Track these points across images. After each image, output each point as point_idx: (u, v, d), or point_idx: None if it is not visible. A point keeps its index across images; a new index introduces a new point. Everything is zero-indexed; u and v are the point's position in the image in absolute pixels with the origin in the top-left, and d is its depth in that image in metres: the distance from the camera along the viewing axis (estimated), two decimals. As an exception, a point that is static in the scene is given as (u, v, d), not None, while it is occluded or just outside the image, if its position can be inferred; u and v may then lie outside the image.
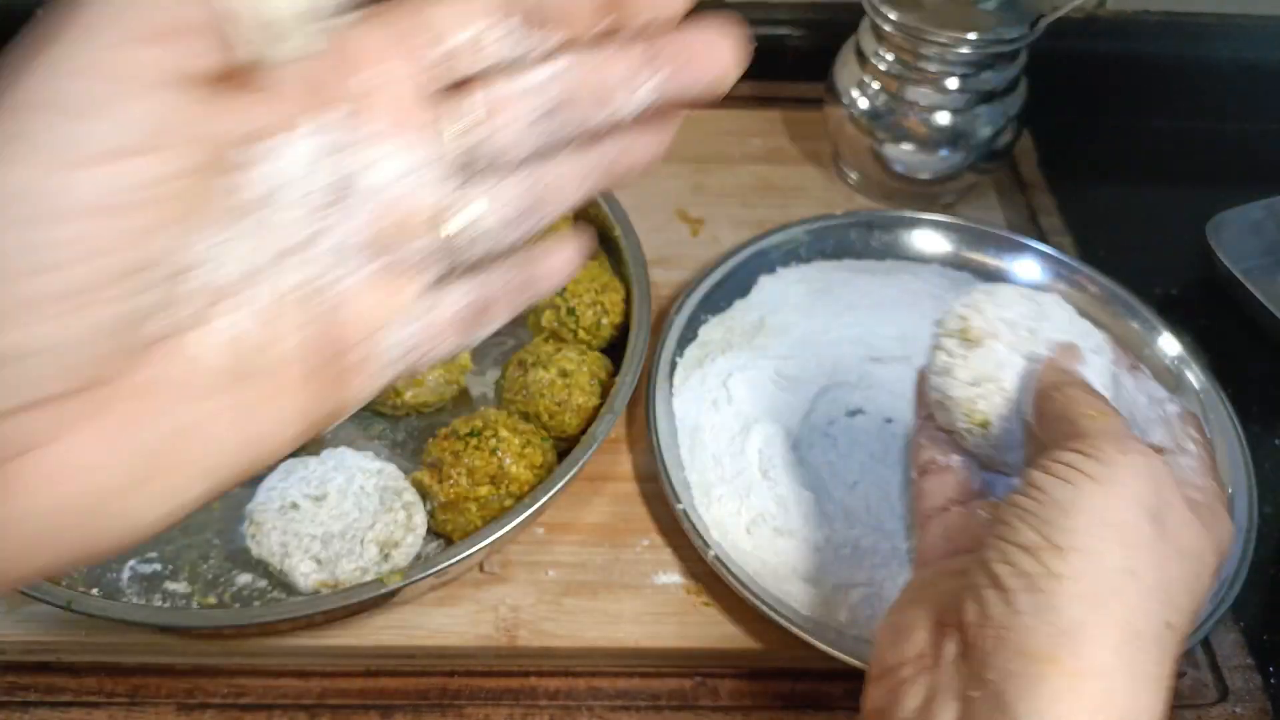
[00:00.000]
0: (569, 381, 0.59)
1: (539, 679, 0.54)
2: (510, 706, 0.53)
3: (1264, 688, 0.55)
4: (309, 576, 0.52)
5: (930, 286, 0.71)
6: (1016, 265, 0.73)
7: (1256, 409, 0.69)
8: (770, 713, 0.53)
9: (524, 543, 0.58)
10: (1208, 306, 0.76)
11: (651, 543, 0.59)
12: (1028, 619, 0.32)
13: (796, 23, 0.91)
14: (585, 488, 0.61)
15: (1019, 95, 0.75)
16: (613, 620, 0.55)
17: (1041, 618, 0.32)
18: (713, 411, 0.63)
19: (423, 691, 0.53)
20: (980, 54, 0.71)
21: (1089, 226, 0.80)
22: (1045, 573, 0.33)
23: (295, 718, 0.52)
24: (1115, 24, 0.91)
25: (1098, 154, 0.90)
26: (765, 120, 0.88)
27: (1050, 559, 0.33)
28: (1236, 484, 0.60)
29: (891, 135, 0.75)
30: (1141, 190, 0.87)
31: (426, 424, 0.63)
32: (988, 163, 0.77)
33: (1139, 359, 0.68)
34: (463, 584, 0.56)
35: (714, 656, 0.55)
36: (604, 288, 0.65)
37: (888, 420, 0.64)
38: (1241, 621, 0.58)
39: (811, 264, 0.73)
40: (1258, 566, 0.57)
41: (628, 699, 0.53)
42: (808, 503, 0.58)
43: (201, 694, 0.53)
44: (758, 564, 0.56)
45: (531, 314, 0.67)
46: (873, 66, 0.75)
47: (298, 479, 0.55)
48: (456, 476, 0.55)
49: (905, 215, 0.75)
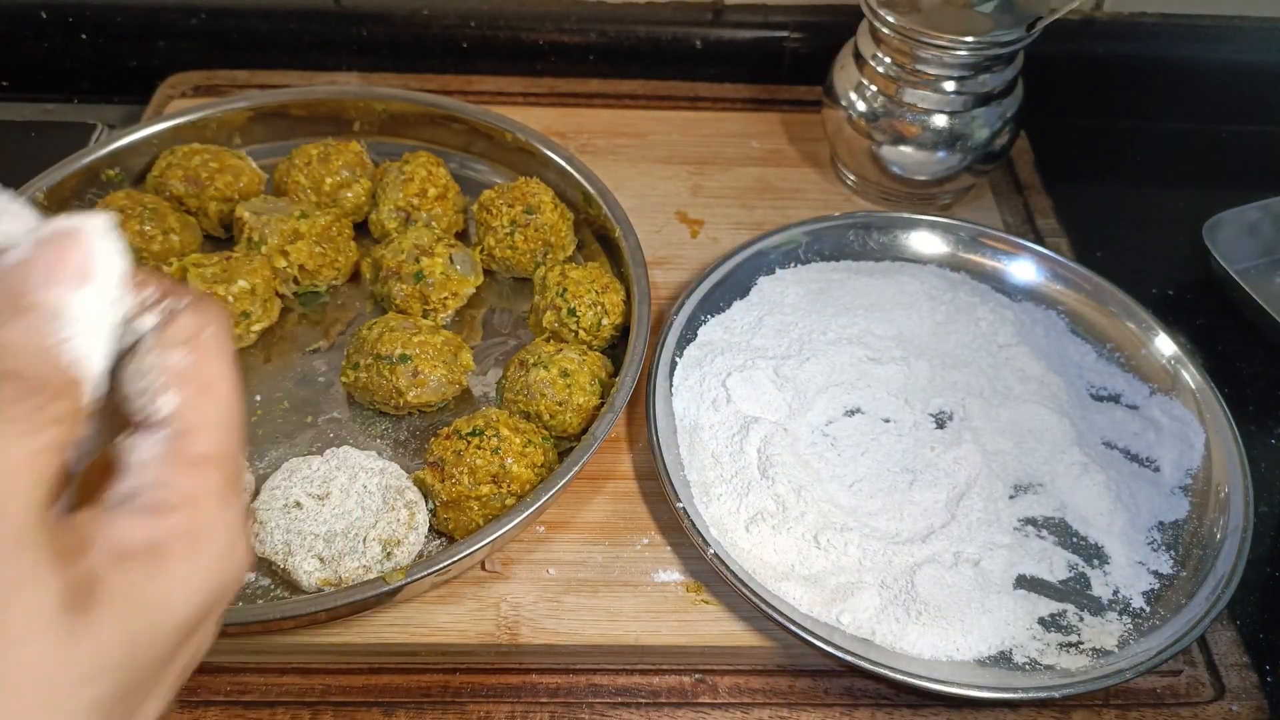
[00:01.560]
0: (570, 381, 0.60)
1: (540, 676, 0.54)
2: (511, 703, 0.53)
3: (1260, 685, 0.55)
4: (312, 574, 0.52)
5: (928, 287, 0.71)
6: (1013, 266, 0.74)
7: (1252, 408, 0.70)
8: (768, 709, 0.54)
9: (525, 541, 0.59)
10: (1204, 307, 0.76)
11: (651, 541, 0.59)
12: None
13: (795, 25, 0.92)
14: (586, 487, 0.61)
15: (1016, 97, 0.76)
16: (613, 618, 0.56)
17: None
18: (712, 411, 0.63)
19: (425, 688, 0.54)
20: (977, 56, 0.71)
21: (1086, 227, 0.80)
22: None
23: (298, 715, 0.52)
24: (1112, 27, 0.91)
25: (1094, 155, 0.91)
26: (764, 122, 0.89)
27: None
28: (1232, 483, 0.61)
29: (889, 137, 0.76)
30: (1138, 191, 0.88)
31: (428, 423, 0.63)
32: (985, 164, 0.77)
33: (1136, 358, 0.69)
34: (464, 582, 0.57)
35: (713, 654, 0.55)
36: (604, 288, 0.66)
37: (885, 420, 0.64)
38: (1238, 620, 0.58)
39: (810, 265, 0.74)
40: (1254, 565, 0.57)
41: (627, 696, 0.54)
42: (806, 501, 0.58)
43: (205, 691, 0.53)
44: (756, 562, 0.56)
45: (532, 314, 0.68)
46: (871, 69, 0.75)
47: (301, 478, 0.55)
48: (458, 475, 0.55)
49: (903, 216, 0.76)
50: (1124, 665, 0.53)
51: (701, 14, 0.92)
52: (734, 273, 0.71)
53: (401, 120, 0.79)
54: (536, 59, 0.93)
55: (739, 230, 0.78)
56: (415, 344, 0.61)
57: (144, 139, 0.74)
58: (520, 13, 0.91)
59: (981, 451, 0.62)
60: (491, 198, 0.70)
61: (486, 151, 0.79)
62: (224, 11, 0.90)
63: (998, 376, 0.67)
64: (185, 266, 0.64)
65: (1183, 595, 0.56)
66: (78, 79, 0.93)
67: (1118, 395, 0.67)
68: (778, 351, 0.67)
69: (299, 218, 0.68)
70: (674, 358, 0.66)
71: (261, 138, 0.79)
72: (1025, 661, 0.54)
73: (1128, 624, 0.56)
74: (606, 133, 0.86)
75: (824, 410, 0.64)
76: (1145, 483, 0.62)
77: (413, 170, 0.71)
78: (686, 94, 0.92)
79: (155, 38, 0.91)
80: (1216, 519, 0.60)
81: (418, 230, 0.68)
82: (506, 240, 0.69)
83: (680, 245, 0.77)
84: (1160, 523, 0.61)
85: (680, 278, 0.74)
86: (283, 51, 0.92)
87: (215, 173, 0.71)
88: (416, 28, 0.92)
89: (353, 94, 0.79)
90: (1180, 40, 0.91)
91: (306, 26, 0.91)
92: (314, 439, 0.62)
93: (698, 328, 0.68)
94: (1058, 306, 0.72)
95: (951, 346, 0.69)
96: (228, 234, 0.73)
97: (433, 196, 0.71)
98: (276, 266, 0.67)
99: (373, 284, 0.69)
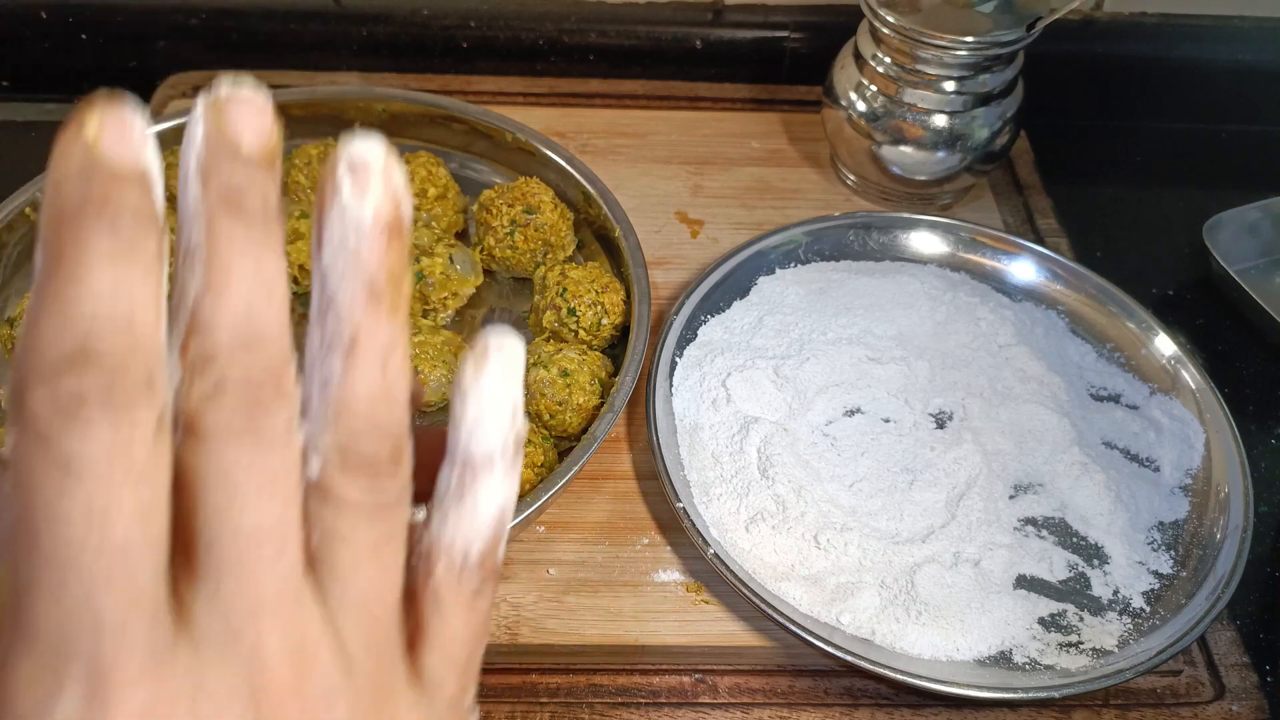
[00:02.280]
0: (569, 381, 0.60)
1: (540, 676, 0.54)
2: (511, 703, 0.53)
3: (1260, 686, 0.55)
4: (311, 574, 0.52)
5: (928, 287, 0.71)
6: (1013, 266, 0.74)
7: (1252, 408, 0.70)
8: (769, 709, 0.54)
9: (525, 541, 0.59)
10: (1204, 307, 0.76)
11: (651, 541, 0.59)
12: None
13: (795, 26, 0.92)
14: (586, 486, 0.61)
15: (1016, 97, 0.76)
16: (613, 618, 0.56)
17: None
18: (712, 411, 0.63)
19: (424, 689, 0.54)
20: (977, 56, 0.71)
21: (1086, 228, 0.80)
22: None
23: (298, 715, 0.52)
24: (1112, 26, 0.91)
25: (1094, 156, 0.91)
26: (764, 122, 0.89)
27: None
28: (1232, 483, 0.61)
29: (889, 137, 0.76)
30: (1138, 192, 0.88)
31: (428, 423, 0.63)
32: (985, 164, 0.77)
33: (1136, 358, 0.69)
34: (464, 582, 0.57)
35: (713, 654, 0.55)
36: (604, 288, 0.66)
37: (886, 420, 0.64)
38: (1238, 620, 0.58)
39: (810, 265, 0.74)
40: (1254, 565, 0.57)
41: (628, 696, 0.54)
42: (806, 501, 0.58)
43: (205, 691, 0.53)
44: (756, 562, 0.56)
45: (532, 314, 0.68)
46: (871, 69, 0.75)
47: (300, 478, 0.55)
48: (458, 475, 0.55)
49: (903, 217, 0.76)
50: (1124, 665, 0.53)
51: (701, 14, 0.92)
52: (734, 273, 0.71)
53: (401, 120, 0.79)
54: (536, 59, 0.93)
55: (739, 230, 0.78)
56: (415, 344, 0.61)
57: (144, 139, 0.74)
58: (520, 13, 0.91)
59: (981, 451, 0.62)
60: (491, 198, 0.70)
61: (486, 151, 0.79)
62: (224, 11, 0.90)
63: (998, 376, 0.67)
64: (185, 266, 0.64)
65: (1183, 595, 0.56)
66: (78, 79, 0.93)
67: (1118, 395, 0.67)
68: (778, 351, 0.67)
69: (299, 218, 0.68)
70: (674, 358, 0.66)
71: (261, 138, 0.79)
72: (1025, 661, 0.54)
73: (1128, 624, 0.56)
74: (606, 133, 0.87)
75: (824, 410, 0.64)
76: (1145, 483, 0.62)
77: (413, 170, 0.71)
78: (686, 94, 0.92)
79: (155, 38, 0.91)
80: (1216, 519, 0.60)
81: (418, 230, 0.68)
82: (506, 240, 0.69)
83: (680, 245, 0.77)
84: (1160, 523, 0.61)
85: (680, 278, 0.74)
86: (283, 51, 0.92)
87: (215, 173, 0.71)
88: (416, 28, 0.92)
89: (353, 94, 0.79)
90: (1180, 40, 0.91)
91: (306, 26, 0.91)
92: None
93: (698, 328, 0.68)
94: (1058, 306, 0.72)
95: (951, 346, 0.69)
96: (228, 234, 0.73)
97: (433, 196, 0.71)
98: (276, 266, 0.67)
99: (373, 284, 0.68)
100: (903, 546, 0.57)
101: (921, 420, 0.64)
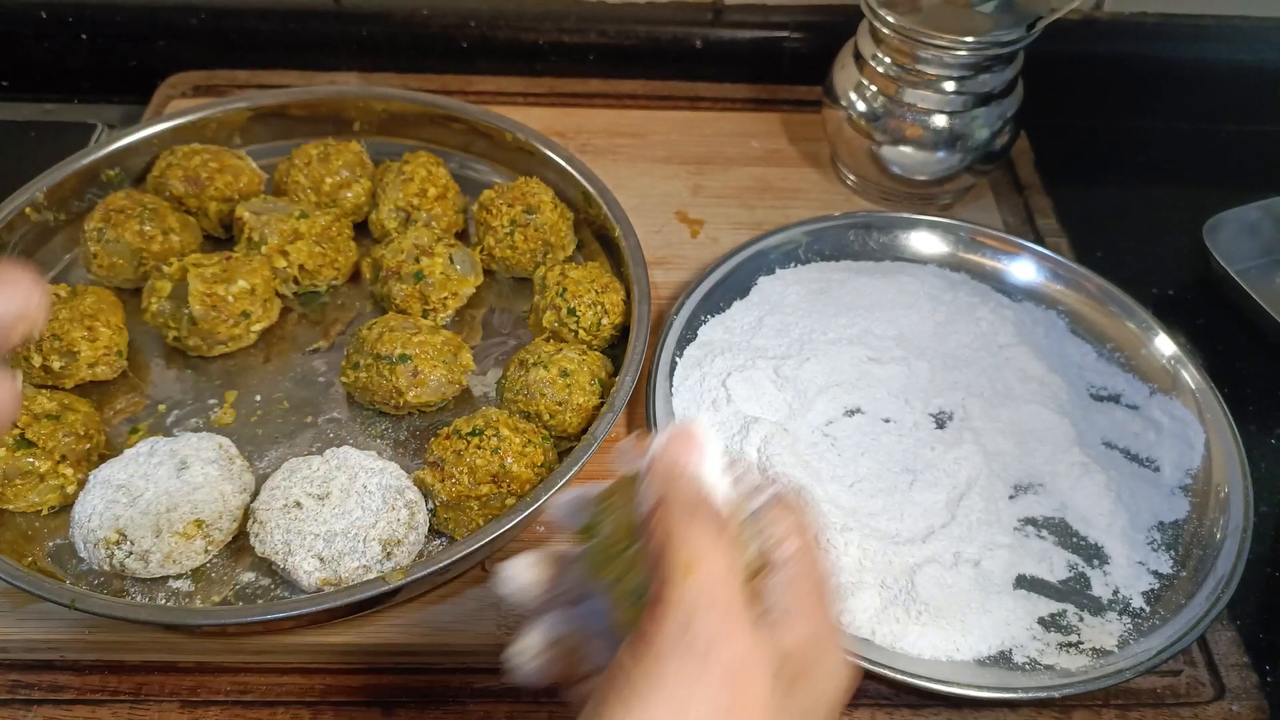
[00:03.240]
0: (570, 381, 0.60)
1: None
2: (511, 704, 0.53)
3: (1260, 685, 0.55)
4: (312, 574, 0.52)
5: (928, 287, 0.71)
6: (1014, 266, 0.74)
7: (1252, 408, 0.69)
8: (769, 709, 0.53)
9: (525, 541, 0.59)
10: (1204, 307, 0.76)
11: (651, 541, 0.59)
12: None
13: (795, 25, 0.92)
14: (586, 487, 0.61)
15: (1016, 97, 0.76)
16: (613, 618, 0.56)
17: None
18: (712, 411, 0.63)
19: (424, 688, 0.54)
20: (977, 56, 0.71)
21: (1086, 227, 0.80)
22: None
23: (298, 715, 0.52)
24: (1112, 26, 0.91)
25: (1094, 155, 0.91)
26: (764, 122, 0.89)
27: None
28: (1232, 483, 0.61)
29: (889, 137, 0.76)
30: (1138, 192, 0.88)
31: (428, 423, 0.63)
32: (985, 164, 0.77)
33: (1136, 358, 0.69)
34: (464, 582, 0.57)
35: (713, 654, 0.55)
36: (604, 288, 0.66)
37: (885, 420, 0.64)
38: (1238, 620, 0.58)
39: (810, 265, 0.74)
40: (1254, 565, 0.57)
41: (628, 696, 0.54)
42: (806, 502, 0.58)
43: (205, 691, 0.53)
44: (757, 562, 0.56)
45: (532, 314, 0.68)
46: (871, 69, 0.75)
47: (301, 478, 0.55)
48: (458, 475, 0.55)
49: (903, 216, 0.76)
50: (1124, 665, 0.53)
51: (701, 14, 0.92)
52: (734, 273, 0.71)
53: (401, 120, 0.79)
54: (536, 59, 0.93)
55: (739, 230, 0.78)
56: (415, 344, 0.61)
57: (144, 139, 0.74)
58: (520, 13, 0.91)
59: (982, 451, 0.62)
60: (491, 197, 0.70)
61: (486, 151, 0.79)
62: (224, 11, 0.90)
63: (998, 377, 0.67)
64: (185, 266, 0.64)
65: (1183, 595, 0.56)
66: (78, 79, 0.93)
67: (1118, 395, 0.67)
68: (778, 351, 0.67)
69: (299, 218, 0.68)
70: (674, 358, 0.66)
71: (261, 138, 0.79)
72: (1025, 661, 0.54)
73: (1128, 624, 0.56)
74: (606, 133, 0.87)
75: (824, 410, 0.64)
76: (1145, 483, 0.62)
77: (413, 170, 0.71)
78: (686, 94, 0.92)
79: (155, 38, 0.91)
80: (1216, 519, 0.60)
81: (418, 230, 0.68)
82: (506, 240, 0.69)
83: (680, 245, 0.77)
84: (1160, 523, 0.61)
85: (680, 278, 0.74)
86: (282, 51, 0.92)
87: (215, 173, 0.71)
88: (416, 28, 0.92)
89: (353, 94, 0.79)
90: (1180, 40, 0.91)
91: (306, 26, 0.91)
92: (314, 439, 0.62)
93: (698, 328, 0.68)
94: (1058, 306, 0.72)
95: (952, 347, 0.69)
96: (228, 234, 0.73)
97: (432, 196, 0.71)
98: (276, 266, 0.67)
99: (373, 284, 0.69)
100: (903, 547, 0.57)
101: (922, 420, 0.64)
